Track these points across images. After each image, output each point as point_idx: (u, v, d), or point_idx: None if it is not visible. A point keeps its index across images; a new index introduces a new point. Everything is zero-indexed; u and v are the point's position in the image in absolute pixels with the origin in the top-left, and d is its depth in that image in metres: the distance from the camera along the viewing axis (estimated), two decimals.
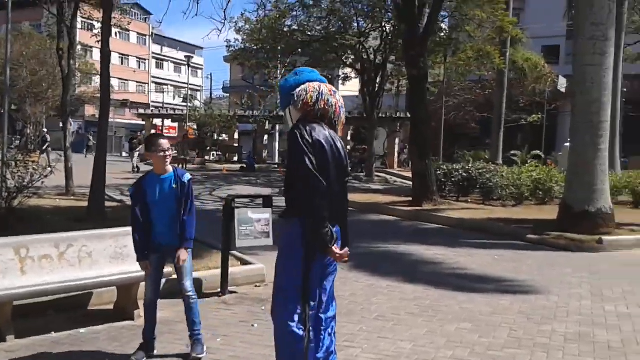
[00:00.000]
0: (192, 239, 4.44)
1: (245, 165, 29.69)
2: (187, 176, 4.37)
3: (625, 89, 24.89)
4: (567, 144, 22.04)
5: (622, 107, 22.23)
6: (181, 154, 31.54)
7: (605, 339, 4.69)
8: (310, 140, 3.17)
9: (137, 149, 27.08)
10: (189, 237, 4.38)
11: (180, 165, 28.68)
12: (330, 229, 3.17)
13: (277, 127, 41.84)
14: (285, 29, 25.31)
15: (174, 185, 4.29)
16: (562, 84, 32.76)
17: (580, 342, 4.62)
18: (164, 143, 4.29)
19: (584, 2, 10.17)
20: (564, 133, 36.25)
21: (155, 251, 4.38)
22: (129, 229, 5.51)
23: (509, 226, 10.61)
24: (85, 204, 10.18)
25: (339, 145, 3.34)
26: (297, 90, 3.36)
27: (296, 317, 3.26)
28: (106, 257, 5.20)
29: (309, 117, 3.32)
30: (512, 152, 26.65)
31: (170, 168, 4.35)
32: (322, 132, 3.25)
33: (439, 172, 14.78)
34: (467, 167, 14.97)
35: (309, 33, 25.30)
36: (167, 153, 4.28)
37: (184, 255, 4.34)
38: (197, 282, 6.13)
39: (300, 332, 3.24)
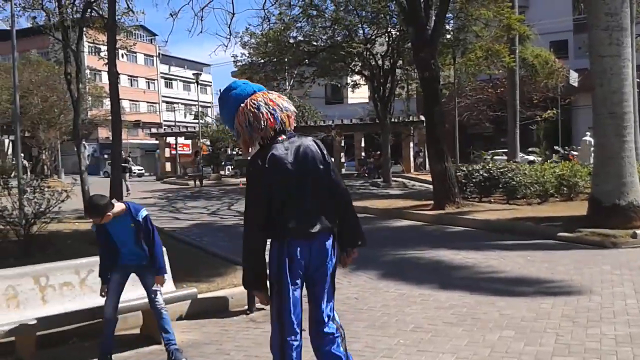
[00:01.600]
0: (164, 267, 4.75)
1: None
2: (142, 213, 4.55)
3: (639, 80, 24.52)
4: (586, 138, 21.80)
5: (638, 98, 21.83)
6: (196, 171, 31.50)
7: None
8: (263, 169, 3.08)
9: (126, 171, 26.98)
10: (160, 266, 4.65)
11: (197, 182, 28.67)
12: (251, 270, 3.11)
13: None
14: (290, 41, 25.27)
15: (132, 225, 4.50)
16: (574, 78, 32.40)
17: (632, 345, 4.35)
18: (96, 214, 4.38)
19: None
20: (579, 127, 35.84)
21: (119, 271, 4.62)
22: None
23: (537, 225, 10.30)
24: None
25: (305, 147, 3.19)
26: (238, 120, 3.21)
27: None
28: (128, 281, 5.01)
29: (265, 139, 3.17)
30: (530, 149, 26.28)
31: (121, 208, 4.49)
32: (274, 153, 3.11)
33: (459, 174, 14.51)
34: (487, 167, 14.68)
35: (315, 43, 25.27)
36: (104, 220, 4.41)
37: (162, 280, 4.67)
38: (223, 300, 5.97)
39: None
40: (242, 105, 3.21)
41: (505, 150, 24.73)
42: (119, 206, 4.51)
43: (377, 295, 6.26)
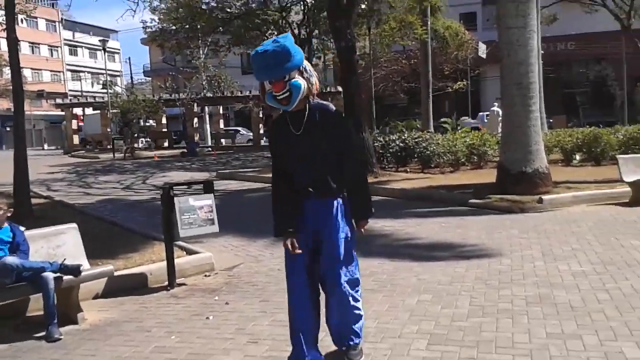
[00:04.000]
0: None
1: (186, 150, 28.76)
2: (21, 229, 4.82)
3: (542, 52, 25.75)
4: (494, 108, 22.75)
5: (542, 69, 22.97)
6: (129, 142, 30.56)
7: (566, 299, 4.70)
8: None
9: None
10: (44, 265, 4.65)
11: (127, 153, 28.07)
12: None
13: (207, 109, 40.78)
14: (203, 7, 24.47)
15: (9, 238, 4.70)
16: (483, 49, 33.53)
17: (542, 304, 4.61)
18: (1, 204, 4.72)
19: None
20: (488, 97, 37.34)
21: None
22: (60, 227, 5.21)
23: (451, 192, 10.70)
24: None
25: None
26: (307, 66, 3.36)
27: None
28: (39, 260, 4.75)
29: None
30: (442, 119, 27.13)
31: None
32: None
33: (376, 144, 14.75)
34: (403, 137, 15.02)
35: (229, 10, 24.59)
36: (7, 214, 4.75)
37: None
38: (142, 277, 5.81)
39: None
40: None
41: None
42: None
43: None
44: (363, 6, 22.90)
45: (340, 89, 28.37)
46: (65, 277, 4.65)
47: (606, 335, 3.90)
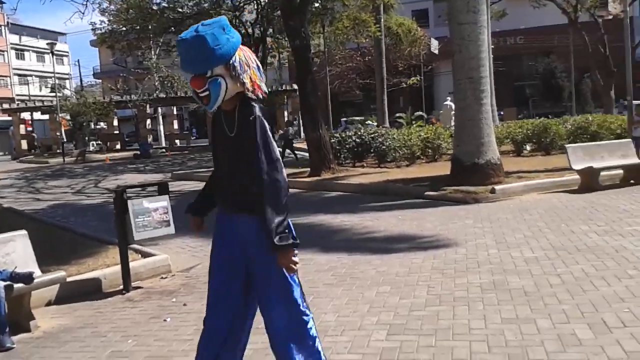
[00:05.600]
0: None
1: (139, 152, 28.23)
2: None
3: (493, 46, 26.34)
4: (446, 102, 23.14)
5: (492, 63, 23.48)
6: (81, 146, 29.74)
7: (520, 284, 4.82)
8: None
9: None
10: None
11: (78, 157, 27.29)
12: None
13: (160, 109, 40.12)
14: (154, 7, 24.03)
15: None
16: (435, 45, 34.06)
17: (497, 291, 4.71)
18: None
19: None
20: (441, 92, 37.96)
21: None
22: (9, 234, 5.08)
23: (406, 186, 10.83)
24: None
25: None
26: (237, 61, 2.76)
27: None
28: None
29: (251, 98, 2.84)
30: (397, 114, 27.44)
31: None
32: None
33: (333, 141, 14.81)
34: (359, 133, 15.12)
35: (181, 10, 24.24)
36: None
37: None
38: (96, 282, 5.67)
39: None
40: (244, 47, 2.84)
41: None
42: None
43: None
44: (316, 5, 22.95)
45: (296, 87, 28.40)
46: (16, 285, 4.50)
47: (559, 318, 4.00)
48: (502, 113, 27.65)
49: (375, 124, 24.32)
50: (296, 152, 19.91)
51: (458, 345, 3.69)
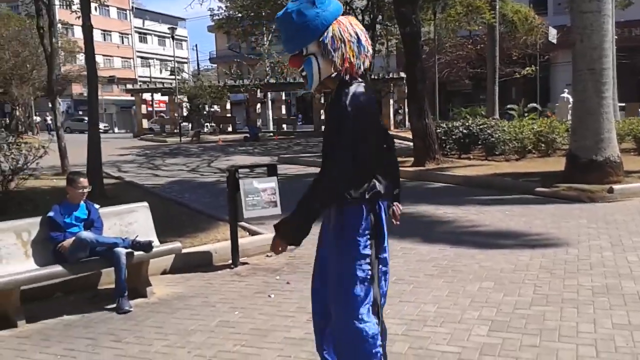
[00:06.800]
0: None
1: (248, 135, 29.30)
2: (95, 206, 5.09)
3: (616, 37, 24.63)
4: (564, 95, 21.96)
5: (615, 55, 21.98)
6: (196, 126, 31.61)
7: (634, 290, 4.55)
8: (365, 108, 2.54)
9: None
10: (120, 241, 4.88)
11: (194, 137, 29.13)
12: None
13: (269, 94, 41.29)
14: None
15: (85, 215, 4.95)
16: (553, 34, 32.33)
17: (609, 295, 4.48)
18: (84, 181, 4.96)
19: None
20: (557, 84, 36.01)
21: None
22: (132, 205, 5.44)
23: (516, 180, 10.45)
24: None
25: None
26: (329, 37, 2.52)
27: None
28: (112, 236, 4.99)
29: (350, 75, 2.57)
30: (509, 106, 26.42)
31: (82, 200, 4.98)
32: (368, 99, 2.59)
33: (438, 131, 14.55)
34: (467, 124, 14.73)
35: None
36: (85, 190, 4.96)
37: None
38: (208, 255, 6.00)
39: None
40: (343, 18, 2.57)
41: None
42: None
43: None
44: None
45: (403, 75, 28.07)
46: (137, 253, 4.88)
47: None
48: (624, 108, 25.79)
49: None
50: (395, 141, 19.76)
51: (564, 348, 3.56)
